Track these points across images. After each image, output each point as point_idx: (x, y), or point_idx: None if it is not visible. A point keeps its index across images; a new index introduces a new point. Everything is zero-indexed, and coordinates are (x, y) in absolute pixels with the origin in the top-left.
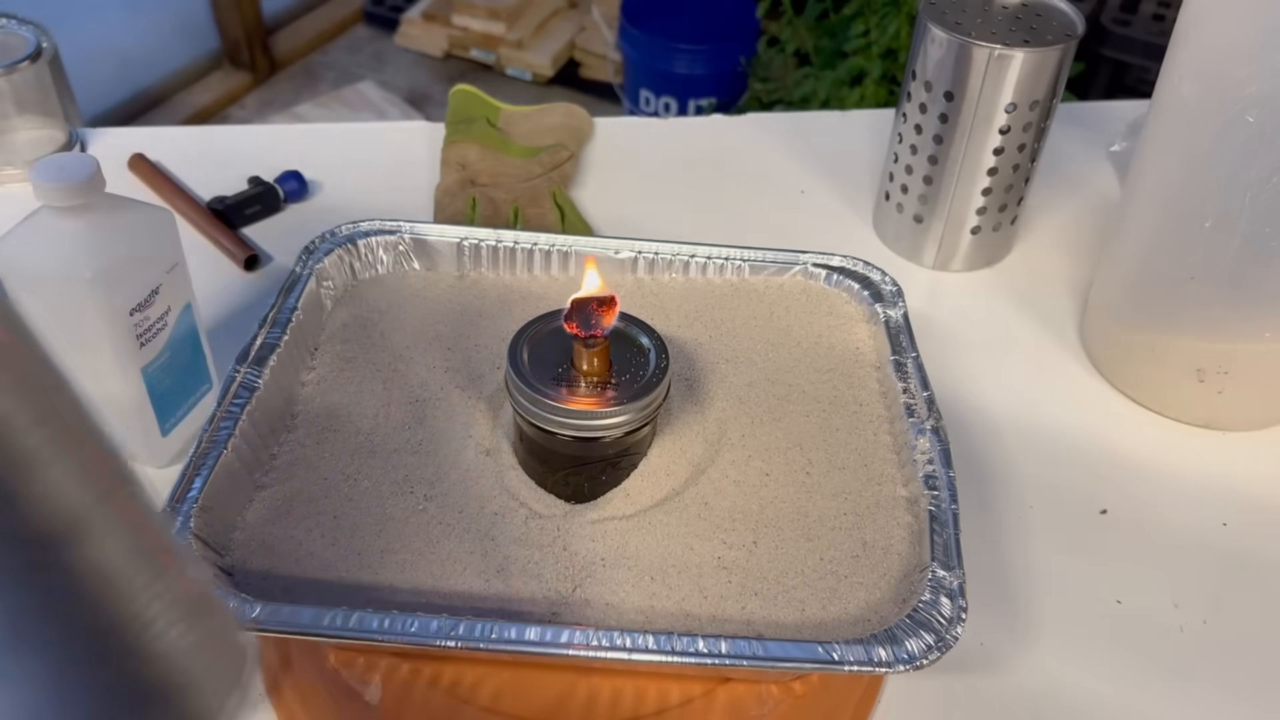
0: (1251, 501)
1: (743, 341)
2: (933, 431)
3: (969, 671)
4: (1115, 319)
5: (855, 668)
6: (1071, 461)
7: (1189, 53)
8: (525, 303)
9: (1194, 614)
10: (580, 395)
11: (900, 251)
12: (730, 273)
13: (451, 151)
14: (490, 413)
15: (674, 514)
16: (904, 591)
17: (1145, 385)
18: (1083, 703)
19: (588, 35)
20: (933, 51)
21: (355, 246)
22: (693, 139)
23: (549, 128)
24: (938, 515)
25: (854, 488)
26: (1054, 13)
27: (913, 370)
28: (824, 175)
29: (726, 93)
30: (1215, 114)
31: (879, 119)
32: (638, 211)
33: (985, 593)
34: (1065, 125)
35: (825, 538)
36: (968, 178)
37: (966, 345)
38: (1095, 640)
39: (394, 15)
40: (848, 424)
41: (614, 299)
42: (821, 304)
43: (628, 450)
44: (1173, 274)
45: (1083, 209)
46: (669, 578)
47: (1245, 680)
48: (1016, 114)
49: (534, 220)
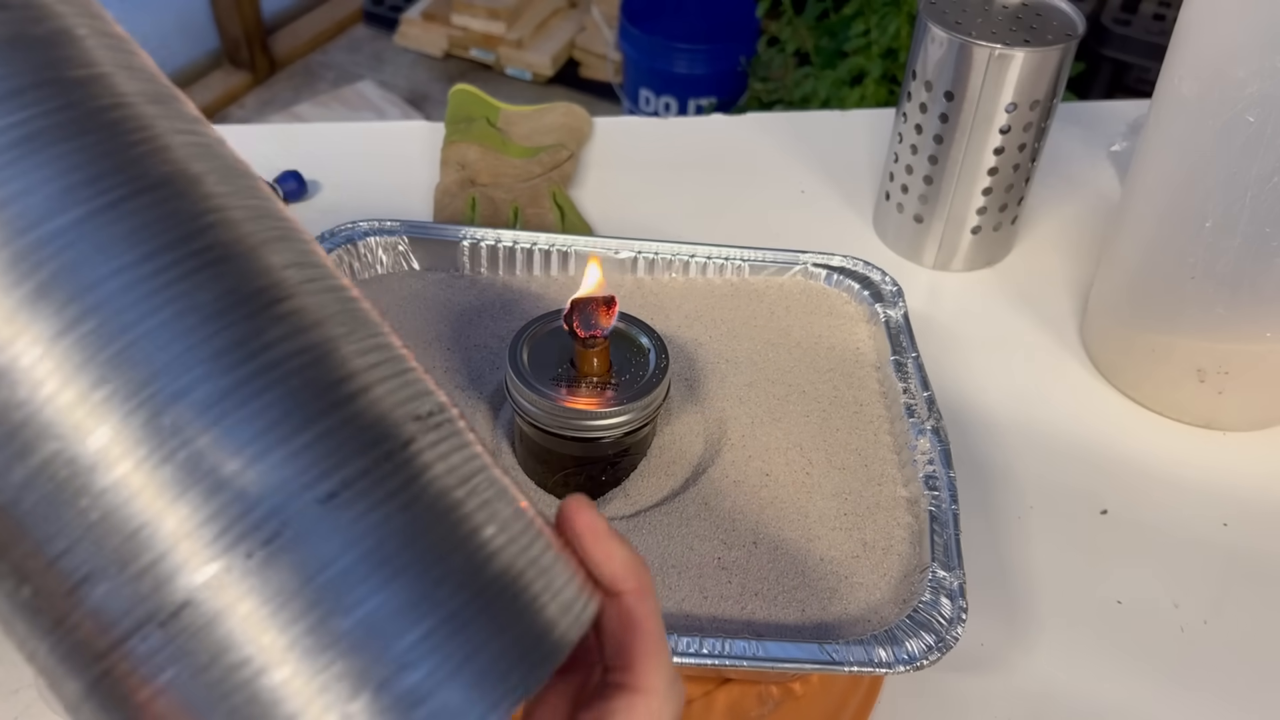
0: (1252, 502)
1: (743, 341)
2: (933, 432)
3: (969, 672)
4: (1115, 319)
5: (855, 668)
6: (1072, 462)
7: (1189, 53)
8: (525, 303)
9: (1194, 614)
10: (580, 395)
11: (900, 251)
12: (730, 273)
13: (451, 151)
14: (490, 413)
15: (674, 514)
16: (904, 592)
17: (1146, 385)
18: (1083, 703)
19: (588, 35)
20: (933, 51)
21: (355, 246)
22: (693, 139)
23: (549, 127)
24: (938, 515)
25: (854, 488)
26: (1054, 12)
27: (913, 370)
28: (824, 175)
29: (726, 93)
30: (1215, 114)
31: (879, 119)
32: (638, 211)
33: (985, 593)
34: (1065, 125)
35: (825, 538)
36: (968, 177)
37: (967, 345)
38: (1096, 640)
39: (393, 15)
40: (848, 424)
41: (614, 299)
42: (821, 304)
43: (628, 450)
44: (1173, 274)
45: (1083, 209)
46: (669, 578)
47: (1246, 680)
48: (1017, 114)
49: (534, 220)
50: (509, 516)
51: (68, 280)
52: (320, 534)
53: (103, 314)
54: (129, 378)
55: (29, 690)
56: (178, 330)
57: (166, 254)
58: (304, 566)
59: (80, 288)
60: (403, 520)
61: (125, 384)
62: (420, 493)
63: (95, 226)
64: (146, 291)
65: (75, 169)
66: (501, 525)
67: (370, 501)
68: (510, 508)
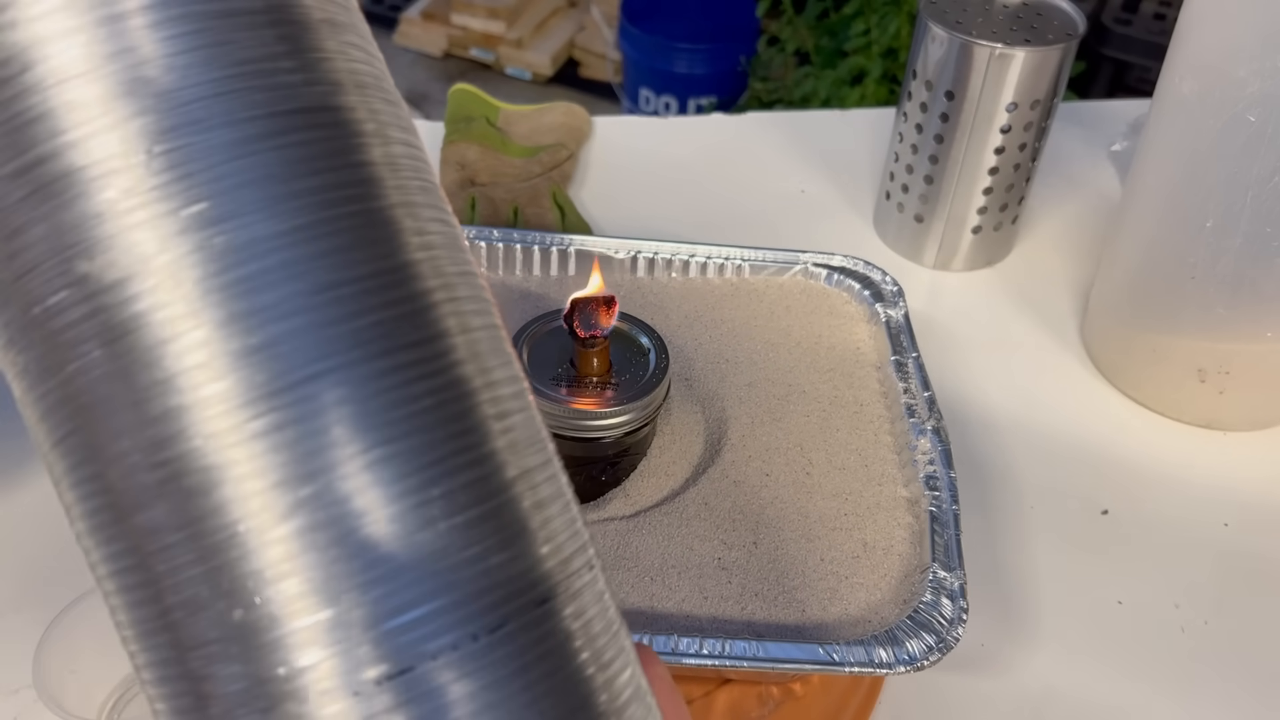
0: (1253, 502)
1: (743, 341)
2: (933, 432)
3: (970, 672)
4: (1116, 319)
5: (856, 669)
6: (1072, 462)
7: (1189, 52)
8: (525, 303)
9: (1195, 614)
10: (580, 395)
11: (901, 251)
12: (730, 273)
13: (451, 151)
14: None
15: (674, 514)
16: (905, 592)
17: (1146, 385)
18: (1084, 703)
19: (587, 34)
20: (933, 50)
21: None
22: (693, 139)
23: (549, 127)
24: (938, 516)
25: (854, 488)
26: (1055, 12)
27: (913, 370)
28: (824, 175)
29: (726, 92)
30: (1216, 114)
31: (879, 118)
32: (638, 211)
33: (986, 593)
34: (1066, 125)
35: (825, 538)
36: (969, 177)
37: (967, 345)
38: (1096, 641)
39: (393, 14)
40: (848, 424)
41: (614, 299)
42: (822, 304)
43: (628, 450)
44: (1173, 274)
45: (1083, 209)
46: (669, 578)
47: (1247, 680)
48: (1017, 113)
49: (534, 220)
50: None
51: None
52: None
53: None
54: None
55: (29, 690)
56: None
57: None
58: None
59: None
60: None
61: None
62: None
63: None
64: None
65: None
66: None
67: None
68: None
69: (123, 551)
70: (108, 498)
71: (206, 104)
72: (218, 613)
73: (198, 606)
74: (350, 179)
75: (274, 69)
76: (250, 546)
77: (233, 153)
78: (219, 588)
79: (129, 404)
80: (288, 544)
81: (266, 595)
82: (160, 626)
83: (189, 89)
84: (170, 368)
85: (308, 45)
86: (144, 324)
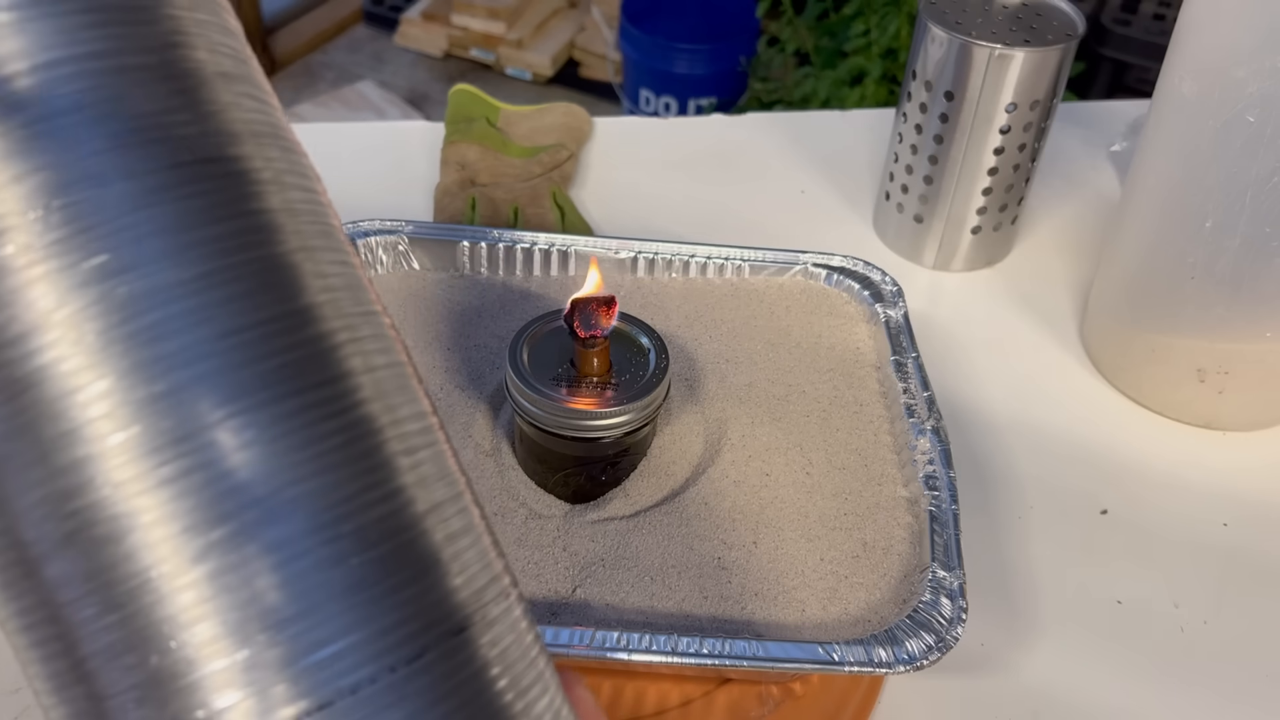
0: (1252, 501)
1: (743, 341)
2: (933, 432)
3: (969, 672)
4: (1115, 319)
5: (855, 668)
6: (1072, 462)
7: (1189, 53)
8: (525, 303)
9: (1195, 614)
10: (580, 395)
11: (900, 251)
12: (730, 273)
13: (451, 151)
14: (490, 413)
15: (674, 514)
16: (904, 592)
17: (1146, 385)
18: (1083, 703)
19: (588, 35)
20: (933, 51)
21: (354, 246)
22: (693, 139)
23: (549, 127)
24: (938, 516)
25: (854, 488)
26: (1054, 12)
27: (913, 370)
28: (824, 175)
29: (726, 93)
30: (1215, 114)
31: (879, 119)
32: (638, 211)
33: (985, 593)
34: (1065, 125)
35: (825, 538)
36: (968, 177)
37: (967, 345)
38: (1096, 640)
39: (394, 15)
40: (848, 424)
41: (614, 299)
42: (821, 304)
43: (628, 450)
44: (1173, 274)
45: (1083, 209)
46: (669, 578)
47: (1246, 680)
48: (1017, 114)
49: (534, 220)
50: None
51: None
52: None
53: None
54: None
55: (29, 690)
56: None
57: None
58: None
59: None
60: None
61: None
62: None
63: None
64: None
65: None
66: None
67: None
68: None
69: (34, 605)
70: (17, 552)
71: (105, 158)
72: (133, 660)
73: (113, 655)
74: (249, 225)
75: (170, 122)
76: (163, 592)
77: (133, 204)
78: (133, 635)
79: (35, 458)
80: (199, 588)
81: (181, 639)
82: (75, 679)
83: (86, 144)
84: (75, 419)
85: (203, 98)
86: (46, 377)
